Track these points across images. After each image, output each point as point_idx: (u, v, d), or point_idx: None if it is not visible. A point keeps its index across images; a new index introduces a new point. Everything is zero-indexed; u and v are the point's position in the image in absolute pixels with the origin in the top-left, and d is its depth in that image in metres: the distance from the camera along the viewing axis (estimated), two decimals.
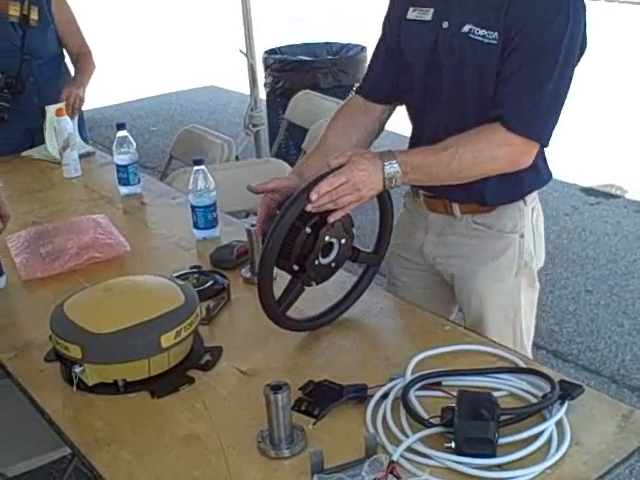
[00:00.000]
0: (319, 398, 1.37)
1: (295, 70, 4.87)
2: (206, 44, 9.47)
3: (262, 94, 5.00)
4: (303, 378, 1.42)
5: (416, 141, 1.79)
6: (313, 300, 1.66)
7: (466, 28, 1.60)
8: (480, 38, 1.59)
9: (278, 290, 1.55)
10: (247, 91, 4.80)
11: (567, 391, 1.31)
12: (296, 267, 1.50)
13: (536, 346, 3.24)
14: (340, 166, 1.48)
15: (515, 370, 1.42)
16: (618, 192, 4.79)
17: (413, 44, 1.73)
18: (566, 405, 1.29)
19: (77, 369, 1.43)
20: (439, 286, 1.91)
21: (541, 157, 1.72)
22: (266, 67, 5.06)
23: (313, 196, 1.43)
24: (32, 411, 1.48)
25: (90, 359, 1.42)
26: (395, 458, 1.19)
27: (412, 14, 1.72)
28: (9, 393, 1.64)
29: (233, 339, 1.62)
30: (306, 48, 5.36)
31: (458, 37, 1.62)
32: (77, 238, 2.05)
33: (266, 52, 5.17)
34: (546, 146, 1.63)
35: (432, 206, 1.82)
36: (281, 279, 1.59)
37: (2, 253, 1.94)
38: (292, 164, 3.42)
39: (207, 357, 1.54)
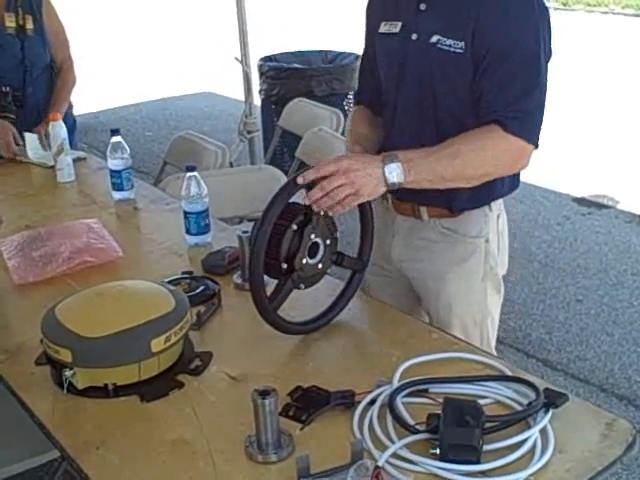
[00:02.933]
0: (307, 404, 1.38)
1: (290, 77, 4.90)
2: (202, 50, 9.50)
3: (257, 101, 5.02)
4: (291, 384, 1.44)
5: (386, 146, 1.79)
6: (303, 307, 1.68)
7: (434, 39, 1.65)
8: (447, 48, 1.63)
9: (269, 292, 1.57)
10: (242, 98, 4.81)
11: (552, 399, 1.32)
12: (285, 265, 1.53)
13: (526, 355, 3.27)
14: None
15: (501, 378, 1.44)
16: (610, 202, 4.82)
17: (385, 57, 1.79)
18: (550, 413, 1.30)
19: (67, 373, 1.44)
20: (406, 291, 1.93)
21: None
22: (261, 74, 5.08)
23: (299, 179, 1.46)
24: (22, 414, 1.49)
25: (80, 363, 1.43)
26: (380, 463, 1.20)
27: (383, 28, 1.77)
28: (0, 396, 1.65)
29: (223, 344, 1.63)
30: (301, 56, 5.38)
31: (426, 48, 1.66)
32: (70, 242, 2.06)
33: (261, 59, 5.19)
34: (537, 148, 1.65)
35: (400, 209, 1.83)
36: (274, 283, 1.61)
37: None
38: (286, 171, 3.44)
39: (197, 362, 1.55)
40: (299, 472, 1.18)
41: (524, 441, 1.25)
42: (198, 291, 1.81)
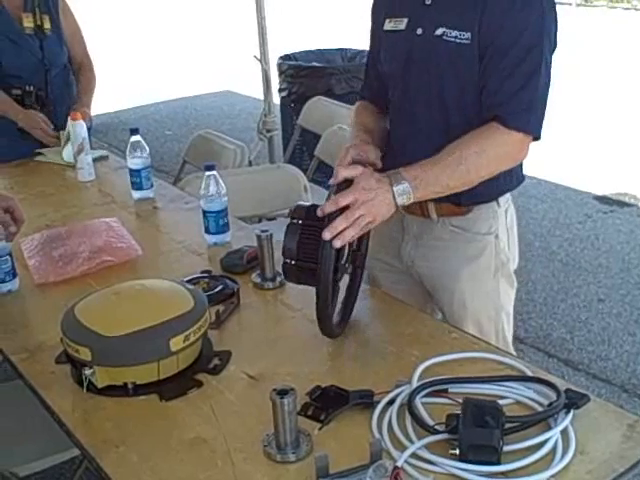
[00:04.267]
0: (326, 403, 1.38)
1: (309, 76, 4.89)
2: (222, 49, 9.52)
3: (276, 100, 5.02)
4: (310, 383, 1.43)
5: (391, 146, 1.83)
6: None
7: (439, 31, 1.67)
8: (452, 39, 1.65)
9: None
10: (262, 96, 4.82)
11: (573, 400, 1.31)
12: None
13: (547, 354, 3.24)
14: (346, 180, 1.51)
15: (521, 378, 1.43)
16: (632, 201, 4.77)
17: (390, 53, 1.81)
18: (571, 414, 1.29)
19: (87, 371, 1.44)
20: (416, 288, 1.94)
21: None
22: (280, 73, 5.08)
23: (319, 212, 1.47)
24: (44, 412, 1.50)
25: (100, 361, 1.44)
26: (400, 464, 1.20)
27: (388, 25, 1.79)
28: (21, 394, 1.66)
29: (242, 344, 1.63)
30: (320, 54, 5.37)
31: (432, 41, 1.68)
32: (89, 241, 2.07)
33: (280, 58, 5.18)
34: (538, 139, 1.67)
35: (408, 209, 1.82)
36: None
37: (16, 256, 1.96)
38: (305, 170, 3.43)
39: (216, 361, 1.55)
40: (318, 472, 1.18)
41: (545, 442, 1.24)
42: (217, 290, 1.81)
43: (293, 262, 1.51)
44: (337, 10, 11.58)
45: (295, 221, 1.51)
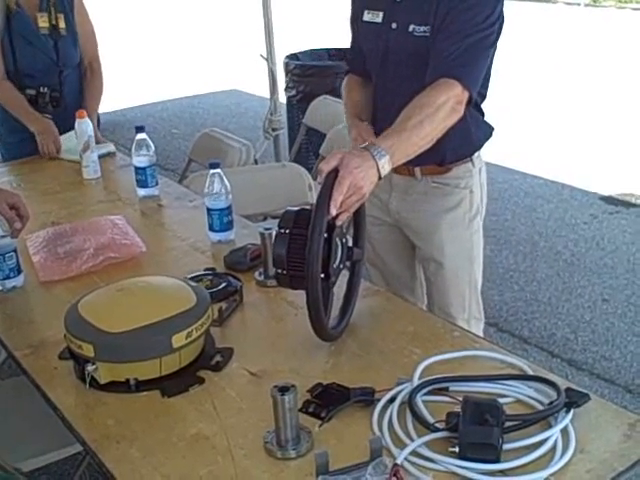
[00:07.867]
0: (327, 401, 1.38)
1: (315, 75, 4.90)
2: (229, 48, 9.54)
3: (282, 98, 5.03)
4: (312, 380, 1.44)
5: (375, 115, 2.06)
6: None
7: (410, 28, 1.87)
8: (419, 34, 1.85)
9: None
10: (268, 95, 4.83)
11: (573, 399, 1.31)
12: (322, 275, 1.49)
13: (551, 354, 3.24)
14: (334, 169, 1.52)
15: (522, 377, 1.43)
16: (638, 201, 4.76)
17: (369, 42, 2.01)
18: (572, 413, 1.29)
19: (90, 367, 1.45)
20: (403, 240, 2.18)
21: (481, 113, 2.02)
22: (286, 72, 5.09)
23: (333, 210, 1.48)
24: (47, 408, 1.51)
25: (102, 358, 1.45)
26: (399, 461, 1.20)
27: (367, 16, 2.00)
28: (25, 390, 1.67)
29: (244, 341, 1.64)
30: (326, 53, 5.38)
31: (405, 36, 1.88)
32: (94, 238, 2.08)
33: (287, 57, 5.19)
34: (472, 101, 1.83)
35: (396, 169, 1.87)
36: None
37: (21, 252, 1.97)
38: (310, 168, 3.44)
39: (218, 358, 1.56)
40: (318, 469, 1.18)
41: (545, 440, 1.24)
42: (220, 287, 1.82)
43: (284, 272, 1.52)
44: (343, 9, 11.58)
45: (283, 230, 1.52)
